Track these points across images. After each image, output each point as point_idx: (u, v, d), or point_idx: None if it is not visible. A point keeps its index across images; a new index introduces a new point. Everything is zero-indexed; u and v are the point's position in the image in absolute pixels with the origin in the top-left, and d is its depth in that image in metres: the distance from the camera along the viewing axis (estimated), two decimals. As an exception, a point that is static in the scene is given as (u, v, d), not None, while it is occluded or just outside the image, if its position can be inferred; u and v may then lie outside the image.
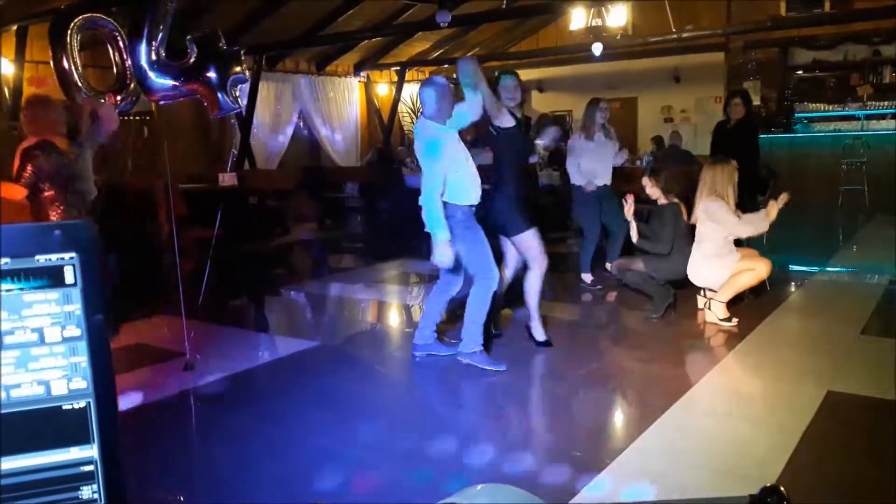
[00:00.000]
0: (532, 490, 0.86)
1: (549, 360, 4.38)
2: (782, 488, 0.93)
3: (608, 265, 6.15)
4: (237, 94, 4.28)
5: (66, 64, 4.48)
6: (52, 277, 0.71)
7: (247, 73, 4.34)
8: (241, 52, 4.38)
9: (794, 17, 10.45)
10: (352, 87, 13.07)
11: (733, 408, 3.58)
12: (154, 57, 4.13)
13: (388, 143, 12.70)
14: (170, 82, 4.18)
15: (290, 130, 12.05)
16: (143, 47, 4.07)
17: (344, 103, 12.93)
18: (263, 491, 2.85)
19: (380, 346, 5.07)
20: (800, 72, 11.32)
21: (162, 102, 4.58)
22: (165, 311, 6.16)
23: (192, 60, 4.19)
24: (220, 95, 4.21)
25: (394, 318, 5.88)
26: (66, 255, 0.72)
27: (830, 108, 10.98)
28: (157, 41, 4.12)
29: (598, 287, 6.06)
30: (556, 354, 4.41)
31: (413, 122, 13.89)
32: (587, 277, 6.14)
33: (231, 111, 4.46)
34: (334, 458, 3.12)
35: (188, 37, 4.23)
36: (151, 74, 4.15)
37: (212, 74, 4.16)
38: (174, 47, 4.20)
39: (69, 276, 0.72)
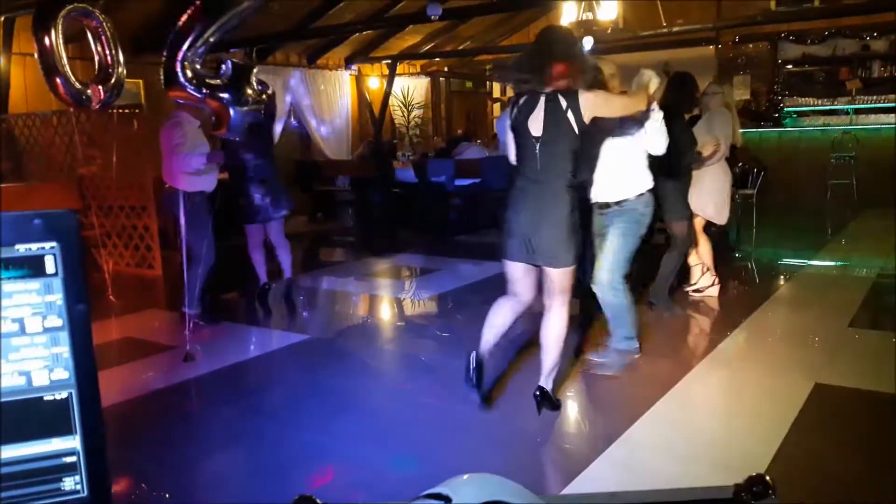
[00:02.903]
0: (522, 481, 0.86)
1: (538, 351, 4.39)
2: (768, 477, 0.94)
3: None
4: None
5: (50, 52, 4.46)
6: (33, 267, 0.70)
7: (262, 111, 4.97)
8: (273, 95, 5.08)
9: (783, 12, 10.49)
10: (343, 81, 13.01)
11: (721, 400, 3.60)
12: (189, 64, 4.34)
13: (379, 137, 12.65)
14: (195, 92, 4.47)
15: (280, 123, 12.00)
16: (184, 50, 4.27)
17: (335, 96, 12.87)
18: (252, 483, 2.85)
19: (371, 340, 5.06)
20: (789, 66, 11.36)
21: (181, 101, 4.81)
22: (158, 304, 6.16)
23: (224, 80, 4.51)
24: (231, 121, 4.64)
25: (385, 312, 5.87)
26: (47, 245, 0.71)
27: (820, 102, 11.02)
28: (197, 51, 4.31)
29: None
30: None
31: (403, 116, 13.86)
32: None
33: (233, 139, 4.89)
34: (324, 451, 3.12)
35: (227, 56, 4.55)
36: (181, 77, 4.38)
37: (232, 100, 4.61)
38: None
39: (50, 266, 0.71)
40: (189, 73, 4.39)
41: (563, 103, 3.02)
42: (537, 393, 3.36)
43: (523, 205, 3.14)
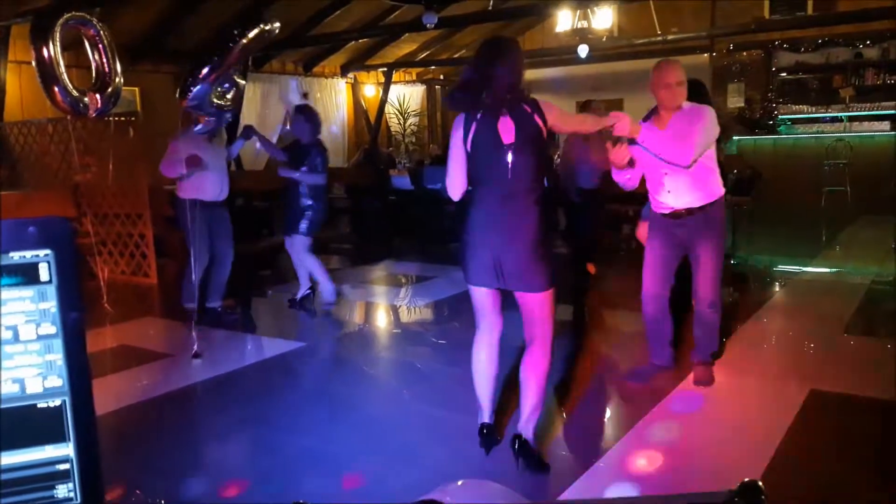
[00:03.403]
0: (521, 488, 0.86)
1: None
2: (760, 483, 0.94)
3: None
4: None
5: (47, 61, 4.47)
6: (27, 274, 0.71)
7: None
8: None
9: (777, 20, 10.54)
10: (339, 89, 13.04)
11: (717, 406, 3.60)
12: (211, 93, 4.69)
13: (375, 145, 12.67)
14: (209, 110, 4.78)
15: (276, 131, 12.01)
16: (205, 72, 4.56)
17: (331, 104, 12.89)
18: (248, 491, 2.84)
19: (367, 347, 5.06)
20: (783, 74, 11.42)
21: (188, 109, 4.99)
22: (154, 312, 6.15)
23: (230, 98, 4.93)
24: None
25: (380, 319, 5.87)
26: (41, 252, 0.71)
27: (813, 110, 11.08)
28: (215, 80, 4.63)
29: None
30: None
31: (399, 124, 13.88)
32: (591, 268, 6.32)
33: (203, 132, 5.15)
34: (320, 458, 3.12)
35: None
36: (196, 99, 4.65)
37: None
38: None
39: (44, 273, 0.71)
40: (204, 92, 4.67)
41: (528, 108, 2.84)
42: (515, 444, 2.91)
43: (491, 223, 2.85)
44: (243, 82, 5.12)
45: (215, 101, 4.70)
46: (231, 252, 5.54)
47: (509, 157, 2.82)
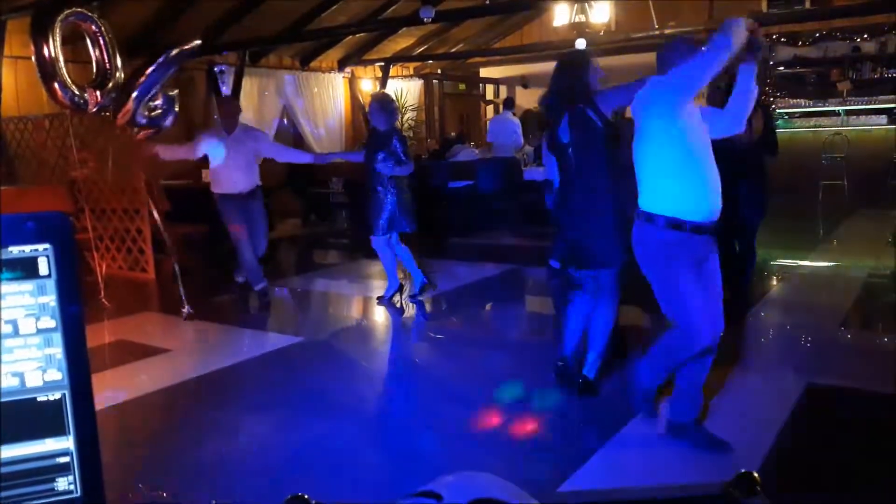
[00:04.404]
0: (515, 480, 0.86)
1: (535, 355, 4.40)
2: (756, 474, 0.95)
3: None
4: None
5: (47, 56, 4.46)
6: (26, 269, 0.71)
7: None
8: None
9: (774, 14, 10.55)
10: (336, 83, 13.01)
11: (713, 400, 3.61)
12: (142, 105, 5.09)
13: (372, 139, 12.64)
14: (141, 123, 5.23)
15: (274, 126, 11.99)
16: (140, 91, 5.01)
17: (328, 99, 12.87)
18: (245, 485, 2.85)
19: (364, 342, 5.07)
20: (781, 68, 11.42)
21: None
22: (151, 307, 6.15)
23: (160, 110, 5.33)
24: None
25: (378, 314, 5.87)
26: (41, 246, 0.71)
27: (811, 104, 11.08)
28: (144, 92, 4.99)
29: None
30: (540, 350, 4.43)
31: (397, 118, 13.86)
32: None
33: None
34: (316, 451, 3.13)
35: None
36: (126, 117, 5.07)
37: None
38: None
39: (43, 268, 0.71)
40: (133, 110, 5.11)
41: (582, 107, 3.29)
42: (580, 381, 3.61)
43: (567, 209, 3.43)
44: (173, 93, 5.56)
45: (145, 114, 5.06)
46: (263, 237, 6.06)
47: (570, 154, 3.34)
